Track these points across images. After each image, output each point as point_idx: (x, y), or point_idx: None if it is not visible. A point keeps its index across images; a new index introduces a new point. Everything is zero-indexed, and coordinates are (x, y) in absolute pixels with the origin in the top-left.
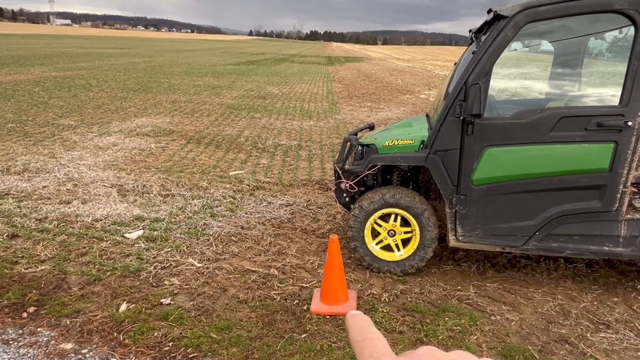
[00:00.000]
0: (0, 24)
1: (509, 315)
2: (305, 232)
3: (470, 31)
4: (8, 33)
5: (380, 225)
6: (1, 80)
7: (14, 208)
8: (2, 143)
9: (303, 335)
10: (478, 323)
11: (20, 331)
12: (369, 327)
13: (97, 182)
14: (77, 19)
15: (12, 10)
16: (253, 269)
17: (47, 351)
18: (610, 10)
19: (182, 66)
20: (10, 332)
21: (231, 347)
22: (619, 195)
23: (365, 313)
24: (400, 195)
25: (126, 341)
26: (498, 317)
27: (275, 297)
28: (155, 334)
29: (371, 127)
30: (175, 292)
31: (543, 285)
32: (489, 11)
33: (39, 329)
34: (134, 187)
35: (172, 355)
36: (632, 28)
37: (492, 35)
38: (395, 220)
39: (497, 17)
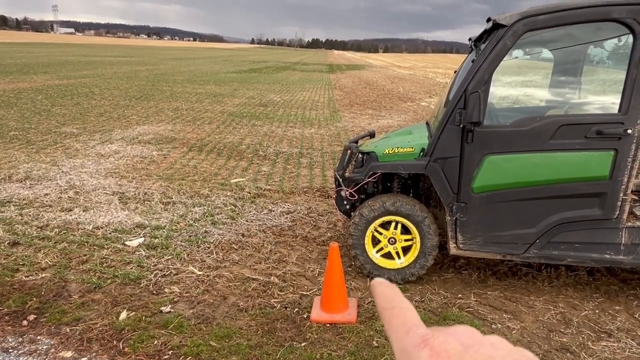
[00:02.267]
0: (4, 33)
1: (510, 323)
2: (306, 240)
3: (470, 39)
4: (12, 41)
5: (380, 233)
6: (5, 89)
7: (16, 215)
8: (4, 151)
9: (303, 344)
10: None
11: (20, 339)
12: (397, 296)
13: (98, 189)
14: (80, 27)
15: (17, 19)
16: (253, 276)
17: (46, 359)
18: (608, 19)
19: (184, 74)
20: (10, 340)
21: (231, 356)
22: (619, 203)
23: (365, 322)
24: (401, 202)
25: (126, 349)
26: (499, 325)
27: (276, 305)
28: (155, 342)
29: (372, 135)
30: (175, 300)
31: (544, 293)
32: (488, 20)
33: (38, 337)
34: (135, 194)
35: None
36: (631, 36)
37: (492, 43)
38: (395, 228)
39: (496, 26)
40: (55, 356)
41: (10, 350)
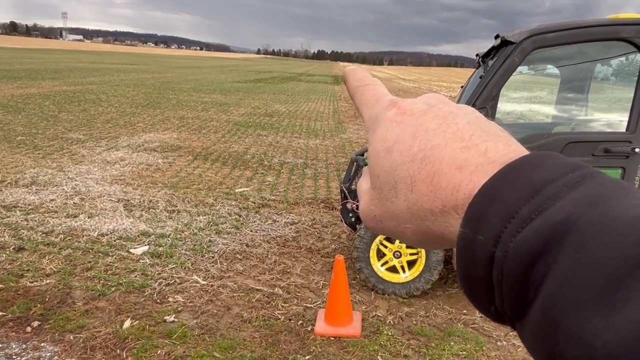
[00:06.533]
0: (14, 39)
1: (516, 340)
2: (310, 251)
3: (477, 55)
4: (21, 47)
5: (385, 247)
6: (13, 94)
7: (21, 221)
8: (11, 155)
9: (307, 357)
10: (484, 348)
11: (24, 346)
12: (369, 77)
13: (104, 196)
14: (89, 34)
15: (26, 25)
16: (257, 287)
17: None
18: (617, 39)
19: (191, 83)
20: (14, 346)
21: None
22: None
23: (369, 336)
24: None
25: (129, 359)
26: (504, 342)
27: (280, 317)
28: (159, 351)
29: None
30: (179, 309)
31: None
32: (497, 37)
33: (42, 344)
34: (140, 202)
35: None
36: (639, 55)
37: (500, 60)
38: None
39: (505, 43)
40: None
41: (14, 357)
